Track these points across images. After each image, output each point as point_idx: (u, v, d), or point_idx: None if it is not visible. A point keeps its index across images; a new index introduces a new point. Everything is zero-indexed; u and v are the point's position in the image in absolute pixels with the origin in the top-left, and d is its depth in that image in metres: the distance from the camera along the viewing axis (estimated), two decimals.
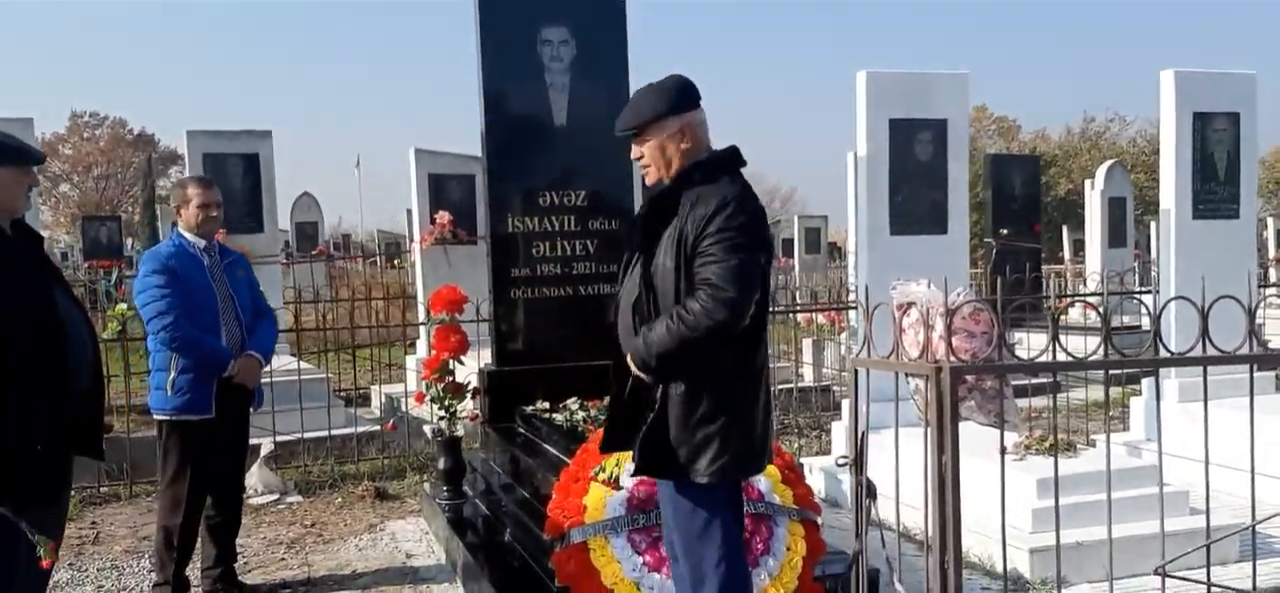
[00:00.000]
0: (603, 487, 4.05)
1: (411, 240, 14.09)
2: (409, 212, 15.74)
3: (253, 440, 6.71)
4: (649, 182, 3.32)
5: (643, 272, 3.18)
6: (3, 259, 3.37)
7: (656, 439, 3.15)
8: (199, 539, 4.89)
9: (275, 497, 6.99)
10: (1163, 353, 3.45)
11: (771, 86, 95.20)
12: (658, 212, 3.20)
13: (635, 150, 3.29)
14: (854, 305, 8.03)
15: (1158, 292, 7.14)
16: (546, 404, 5.56)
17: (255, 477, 7.01)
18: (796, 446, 7.80)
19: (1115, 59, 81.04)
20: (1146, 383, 7.48)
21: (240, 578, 5.07)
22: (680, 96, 3.24)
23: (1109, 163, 17.30)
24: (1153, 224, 17.15)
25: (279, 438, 7.48)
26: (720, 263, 3.01)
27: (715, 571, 3.19)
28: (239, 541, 5.22)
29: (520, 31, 6.00)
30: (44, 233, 4.66)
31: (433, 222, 11.09)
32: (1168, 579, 3.49)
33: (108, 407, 8.21)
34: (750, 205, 3.12)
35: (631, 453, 3.59)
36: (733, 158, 3.25)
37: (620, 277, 3.40)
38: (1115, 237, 15.58)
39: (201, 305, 4.63)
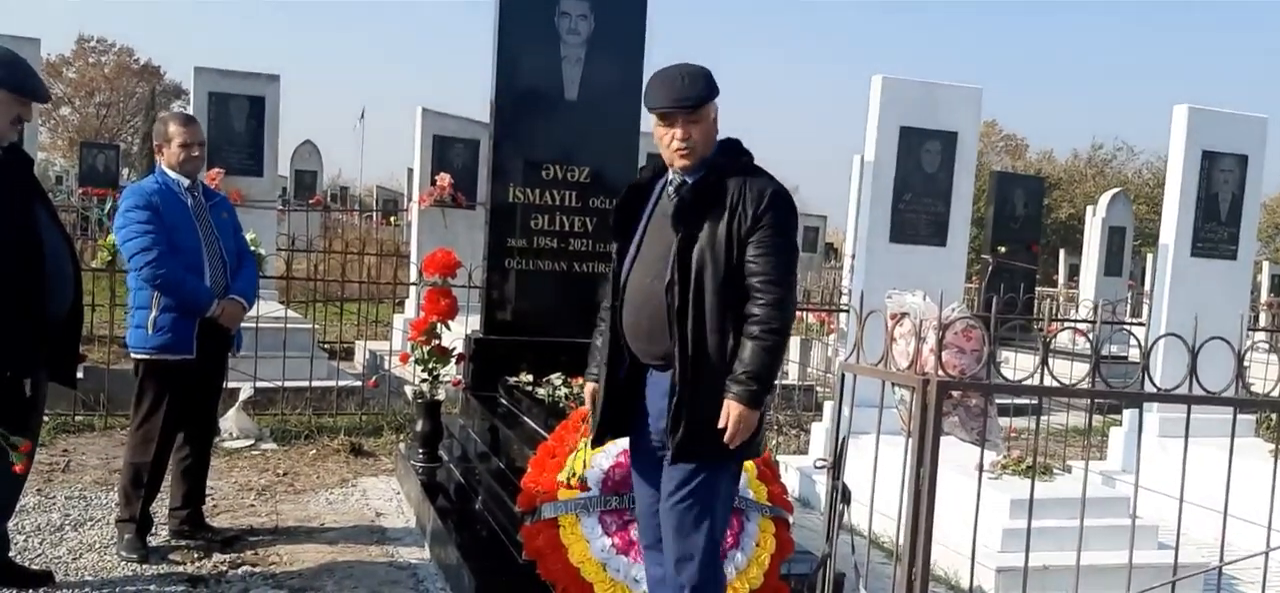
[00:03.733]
0: (572, 486, 3.99)
1: (409, 200, 14.06)
2: (410, 171, 15.71)
3: (232, 384, 6.72)
4: (681, 163, 3.19)
5: (679, 254, 3.11)
6: None
7: (697, 425, 3.10)
8: (169, 479, 4.86)
9: (250, 442, 6.98)
10: (1150, 387, 3.45)
11: (778, 81, 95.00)
12: (703, 197, 3.14)
13: (681, 129, 3.15)
14: (845, 308, 8.03)
15: (1149, 325, 7.14)
16: (530, 377, 5.55)
17: (231, 421, 6.99)
18: (775, 443, 7.80)
19: (1129, 90, 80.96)
20: (1129, 414, 7.49)
21: (208, 520, 5.04)
22: (712, 81, 3.22)
23: (1113, 191, 17.30)
24: (1150, 256, 17.17)
25: (259, 384, 7.45)
26: (777, 257, 3.07)
27: (704, 547, 3.20)
28: (210, 483, 5.21)
29: (539, 2, 5.96)
30: (41, 154, 4.61)
31: (433, 183, 11.06)
32: None
33: (89, 336, 8.22)
34: (793, 201, 3.20)
35: (616, 439, 3.61)
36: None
37: (618, 263, 3.35)
38: (1112, 265, 15.60)
39: (185, 245, 4.55)
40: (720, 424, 3.06)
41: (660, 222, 3.25)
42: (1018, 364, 11.15)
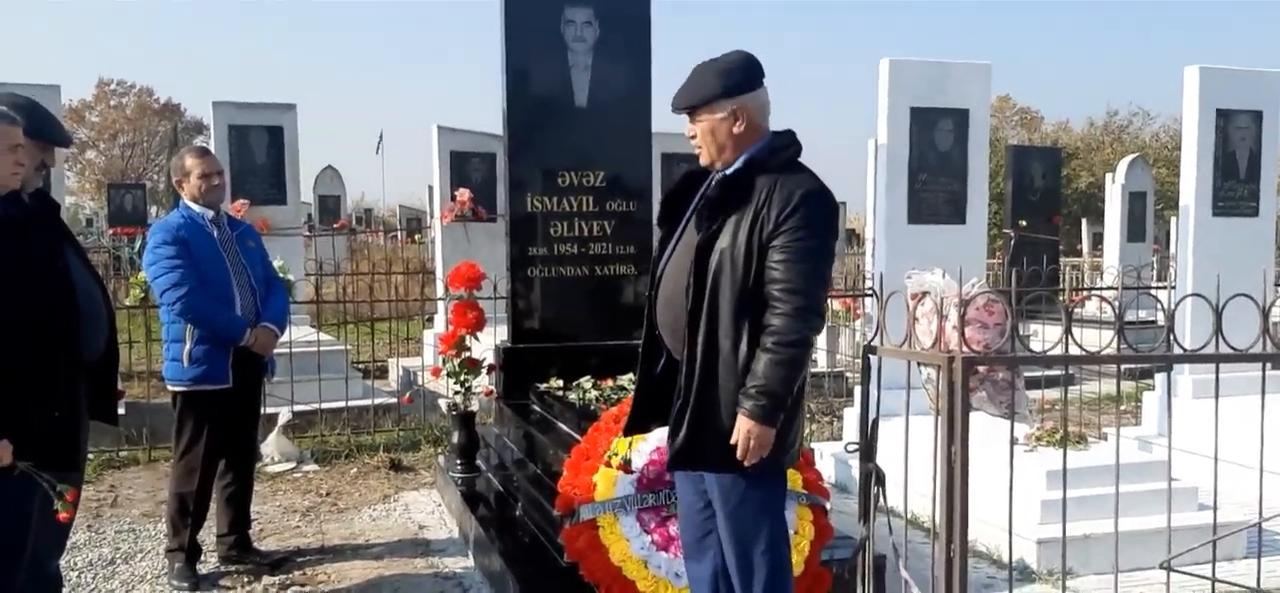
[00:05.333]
0: (613, 471, 4.08)
1: (432, 217, 14.16)
2: (430, 188, 15.83)
3: (271, 409, 6.83)
4: (702, 162, 3.19)
5: (697, 254, 3.05)
6: (18, 229, 3.42)
7: (701, 433, 3.06)
8: (214, 506, 4.96)
9: (292, 465, 7.08)
10: (1176, 349, 3.47)
11: (792, 68, 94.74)
12: (728, 194, 3.07)
13: (688, 128, 3.17)
14: (870, 292, 8.05)
15: (1175, 288, 7.12)
16: (560, 382, 5.60)
17: (272, 445, 7.10)
18: (808, 431, 7.82)
19: (1141, 54, 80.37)
20: (1160, 378, 7.47)
21: (255, 544, 5.14)
22: (737, 77, 3.10)
23: (1131, 157, 17.18)
24: (1173, 220, 17.04)
25: (297, 408, 7.56)
26: (801, 263, 2.94)
27: (763, 558, 3.15)
28: (255, 507, 5.31)
29: (544, 11, 6.02)
30: (69, 198, 4.71)
31: (453, 198, 11.15)
32: (1173, 574, 3.51)
33: (128, 372, 8.35)
34: (830, 200, 3.06)
35: (646, 432, 3.65)
36: (798, 144, 3.15)
37: (659, 253, 3.29)
38: (1134, 231, 15.50)
39: (214, 277, 4.63)
40: (732, 440, 2.99)
41: (696, 216, 3.19)
42: (1045, 336, 11.13)
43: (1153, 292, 11.16)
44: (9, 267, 3.26)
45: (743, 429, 2.96)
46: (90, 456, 5.48)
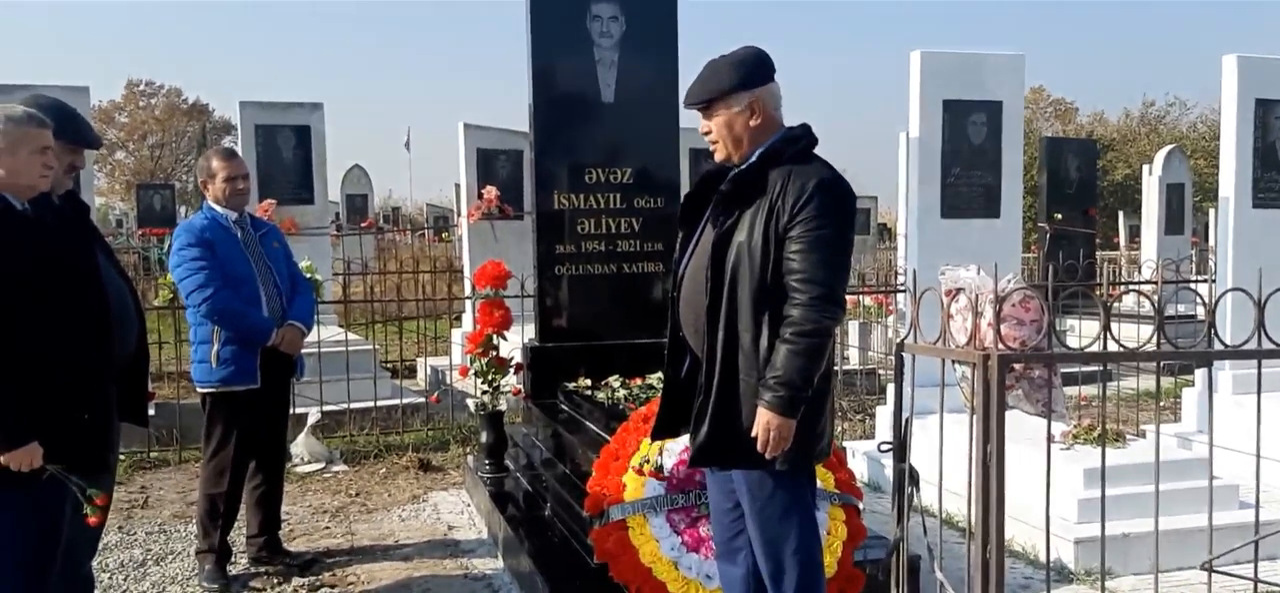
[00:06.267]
0: (640, 475, 4.03)
1: (459, 215, 14.17)
2: (457, 186, 15.84)
3: (300, 410, 6.83)
4: (717, 158, 3.19)
5: (714, 249, 3.05)
6: (48, 232, 3.42)
7: (723, 429, 3.05)
8: (244, 508, 4.96)
9: (321, 466, 7.09)
10: (1217, 345, 3.38)
11: (822, 62, 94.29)
12: (742, 189, 3.07)
13: (703, 124, 3.18)
14: (902, 289, 7.96)
15: (1214, 281, 6.98)
16: (588, 381, 5.58)
17: (302, 445, 7.11)
18: (840, 429, 7.75)
19: (1178, 43, 79.28)
20: (1200, 374, 7.34)
21: (285, 545, 5.14)
22: (751, 70, 3.11)
23: (1168, 148, 16.93)
24: (1212, 212, 16.80)
25: (326, 408, 7.57)
26: (818, 253, 2.92)
27: (793, 558, 3.13)
28: (284, 508, 5.30)
29: (570, 6, 5.98)
30: (99, 199, 4.72)
31: (480, 196, 11.14)
32: (1214, 574, 3.42)
33: (158, 373, 8.39)
34: (845, 189, 3.05)
35: (675, 437, 3.60)
36: (813, 137, 3.15)
37: (679, 254, 3.30)
38: (1172, 224, 15.28)
39: (240, 277, 4.63)
40: (753, 432, 2.98)
41: (712, 212, 3.18)
42: (1082, 331, 10.98)
43: (1192, 286, 10.98)
44: (38, 269, 3.25)
45: (762, 421, 2.95)
46: (121, 457, 5.50)
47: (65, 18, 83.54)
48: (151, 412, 5.86)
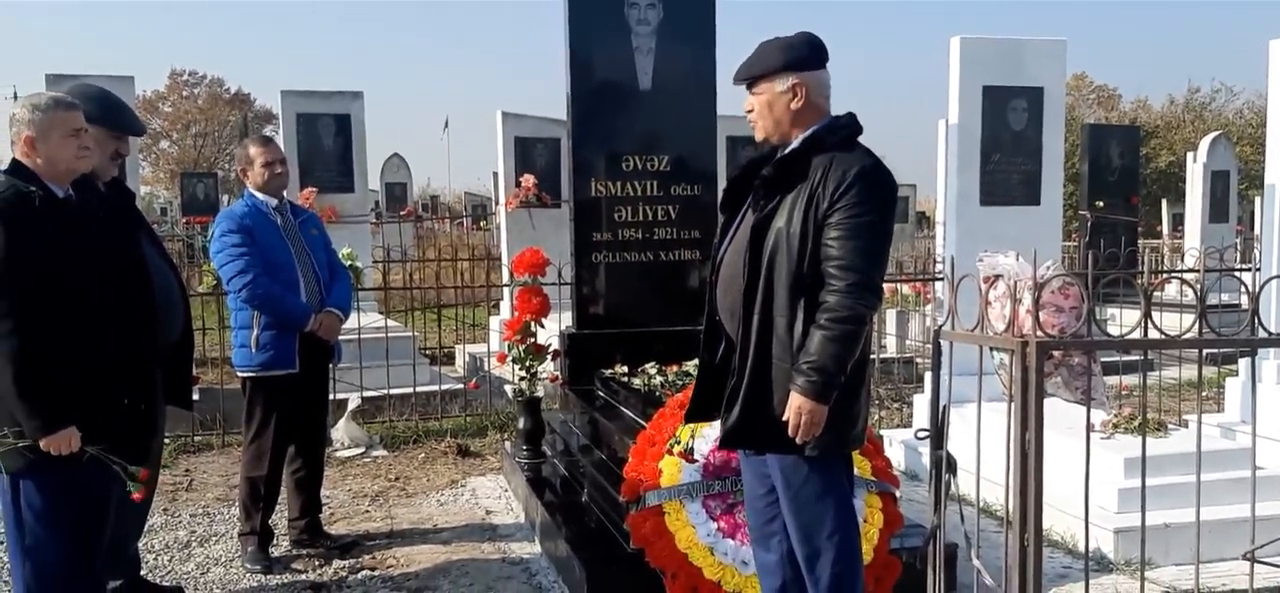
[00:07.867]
0: (677, 459, 4.05)
1: (497, 203, 14.24)
2: (495, 174, 15.92)
3: (341, 395, 6.91)
4: (757, 137, 3.21)
5: (752, 234, 3.05)
6: (93, 216, 3.47)
7: (754, 412, 3.06)
8: (285, 491, 5.03)
9: (361, 450, 7.17)
10: (1261, 333, 3.33)
11: (860, 49, 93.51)
12: (784, 173, 3.08)
13: (747, 102, 3.19)
14: (940, 277, 7.91)
15: (1259, 269, 6.87)
16: (625, 368, 5.59)
17: (342, 431, 7.20)
18: (877, 417, 7.72)
19: (1224, 28, 77.78)
20: (1243, 364, 7.23)
21: (325, 528, 5.21)
22: (800, 53, 3.12)
23: (1213, 135, 16.64)
24: (1258, 200, 16.50)
25: (366, 393, 7.66)
26: (857, 240, 2.93)
27: (829, 542, 3.14)
28: (325, 492, 5.37)
29: None
30: (144, 188, 4.79)
31: (518, 185, 11.19)
32: (1257, 565, 3.38)
33: (201, 358, 8.51)
34: (886, 176, 3.04)
35: (710, 423, 3.61)
36: (857, 125, 3.15)
37: (719, 239, 3.31)
38: (1217, 211, 15.04)
39: (279, 262, 4.69)
40: (784, 416, 2.99)
41: (753, 196, 3.19)
42: (1123, 321, 10.84)
43: (1236, 274, 10.81)
44: (81, 255, 3.31)
45: (794, 406, 2.96)
46: (166, 440, 5.60)
47: (110, 7, 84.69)
48: (196, 396, 5.95)
